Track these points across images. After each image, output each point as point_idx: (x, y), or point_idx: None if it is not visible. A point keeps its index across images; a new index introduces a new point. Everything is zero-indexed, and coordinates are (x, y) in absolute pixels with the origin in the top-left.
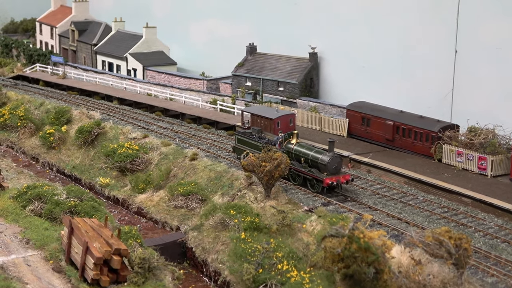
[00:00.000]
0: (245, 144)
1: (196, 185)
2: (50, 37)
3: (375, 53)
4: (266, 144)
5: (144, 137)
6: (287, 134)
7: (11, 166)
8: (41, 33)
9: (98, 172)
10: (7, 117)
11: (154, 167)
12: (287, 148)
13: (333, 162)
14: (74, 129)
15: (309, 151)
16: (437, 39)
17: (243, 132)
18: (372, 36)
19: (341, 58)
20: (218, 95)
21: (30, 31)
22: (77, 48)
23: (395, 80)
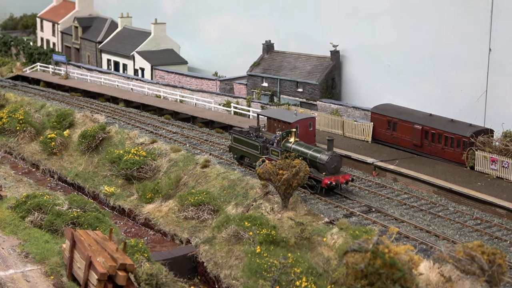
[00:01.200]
0: (242, 143)
1: (208, 195)
2: (51, 34)
3: (402, 51)
4: (264, 143)
5: (152, 142)
6: (285, 133)
7: (10, 173)
8: (42, 30)
9: (102, 180)
10: (5, 121)
11: (162, 175)
12: (285, 147)
13: (332, 161)
14: (77, 133)
15: (308, 150)
16: (469, 36)
17: (240, 131)
18: (399, 32)
19: (365, 56)
20: (232, 97)
21: (30, 27)
22: (81, 46)
23: (423, 81)
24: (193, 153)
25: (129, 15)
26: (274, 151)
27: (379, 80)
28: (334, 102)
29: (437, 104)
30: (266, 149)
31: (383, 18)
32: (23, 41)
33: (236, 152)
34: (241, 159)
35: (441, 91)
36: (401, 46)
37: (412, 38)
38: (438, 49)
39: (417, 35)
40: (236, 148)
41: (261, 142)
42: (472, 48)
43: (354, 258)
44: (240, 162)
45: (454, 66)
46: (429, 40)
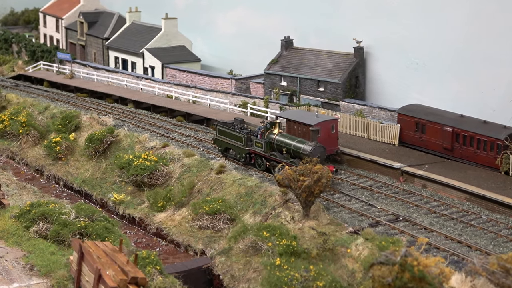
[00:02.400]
0: (226, 135)
1: (223, 203)
2: (55, 30)
3: (430, 48)
4: (248, 135)
5: (164, 147)
6: (269, 124)
7: (12, 180)
8: (45, 26)
9: (111, 187)
10: (7, 124)
11: (175, 181)
12: (269, 139)
13: (316, 152)
14: (83, 137)
15: (291, 141)
16: (504, 32)
17: (225, 123)
18: (428, 27)
19: (391, 53)
20: (249, 97)
21: (32, 23)
22: (86, 42)
23: (454, 79)
24: (208, 158)
25: (138, 9)
26: (258, 142)
27: (406, 78)
28: (358, 102)
29: (469, 105)
30: (250, 141)
31: (410, 12)
32: (25, 37)
33: (221, 145)
34: (225, 151)
35: (473, 90)
36: (430, 42)
37: (441, 34)
38: (470, 45)
39: (447, 30)
40: (220, 140)
41: (245, 134)
42: (507, 45)
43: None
44: (225, 155)
45: (487, 63)
46: (460, 35)
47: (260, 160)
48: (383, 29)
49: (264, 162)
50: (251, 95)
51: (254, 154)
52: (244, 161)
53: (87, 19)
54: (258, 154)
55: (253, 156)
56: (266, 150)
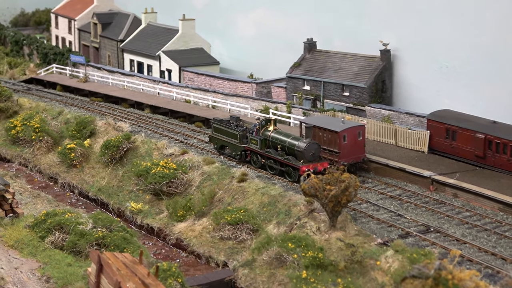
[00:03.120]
0: (222, 132)
1: (246, 212)
2: (67, 31)
3: (461, 50)
4: (243, 132)
5: (183, 154)
6: (264, 121)
7: (26, 188)
8: (57, 27)
9: (128, 196)
10: (19, 129)
11: (195, 190)
12: (264, 136)
13: (310, 148)
14: (99, 143)
15: (286, 137)
16: None
17: (220, 120)
18: (458, 29)
19: (419, 56)
20: (270, 102)
21: (43, 24)
22: (100, 44)
23: (486, 84)
24: (229, 165)
25: (154, 10)
26: (253, 139)
27: (435, 82)
28: (385, 107)
29: (502, 110)
30: (245, 138)
31: (440, 12)
32: (37, 39)
33: (216, 142)
34: (221, 149)
35: (506, 95)
36: (460, 45)
37: (472, 36)
38: (503, 48)
39: (478, 32)
40: (216, 138)
41: (241, 131)
42: None
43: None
44: (221, 152)
45: None
46: (492, 38)
47: (255, 157)
48: (411, 30)
49: (260, 159)
50: (273, 100)
51: (250, 151)
52: (240, 158)
53: (101, 20)
54: (253, 151)
55: (249, 153)
56: (261, 147)
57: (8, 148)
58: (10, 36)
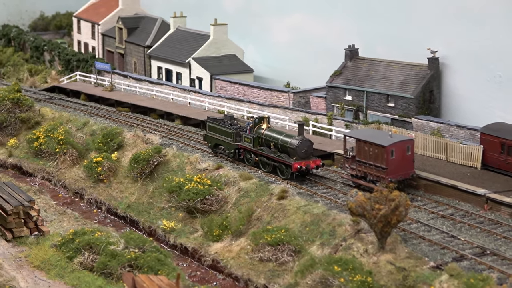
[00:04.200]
0: (216, 131)
1: (287, 232)
2: (90, 36)
3: None
4: (237, 130)
5: (217, 168)
6: (257, 119)
7: (51, 204)
8: (79, 32)
9: (159, 213)
10: (42, 141)
11: (231, 207)
12: (258, 134)
13: (303, 146)
14: (127, 156)
15: (279, 135)
16: None
17: (215, 119)
18: None
19: (470, 65)
20: (310, 113)
21: (64, 28)
22: (126, 50)
23: None
24: (267, 181)
25: (183, 14)
26: (246, 137)
27: (487, 93)
28: (433, 119)
29: None
30: (239, 136)
31: (492, 19)
32: (58, 45)
33: (210, 141)
34: (215, 147)
35: None
36: None
37: None
38: None
39: None
40: (210, 136)
41: (234, 129)
42: None
43: None
44: (215, 151)
45: None
46: None
47: (249, 155)
48: (461, 37)
49: (253, 157)
50: (312, 111)
51: (243, 149)
52: (233, 156)
53: (126, 25)
54: (246, 149)
55: (242, 151)
56: (254, 145)
57: (31, 161)
58: (30, 41)
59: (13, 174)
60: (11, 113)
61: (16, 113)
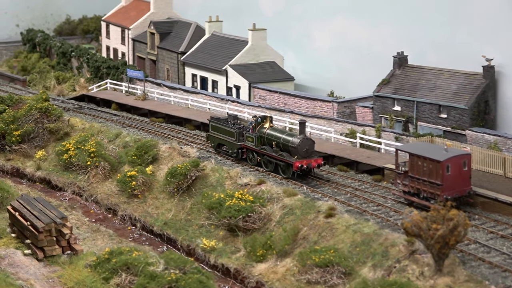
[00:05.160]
0: (218, 130)
1: (336, 253)
2: (120, 41)
3: None
4: (240, 129)
5: (260, 184)
6: (260, 118)
7: (83, 221)
8: (108, 37)
9: (198, 231)
10: (72, 154)
11: (275, 225)
12: (260, 133)
13: (304, 144)
14: (162, 170)
15: (281, 134)
16: None
17: (218, 118)
18: None
19: None
20: (357, 125)
21: (92, 33)
22: (158, 57)
23: None
24: (313, 197)
25: (219, 18)
26: (249, 137)
27: None
28: (489, 131)
29: None
30: (242, 136)
31: None
32: (87, 51)
33: (213, 140)
34: (218, 147)
35: None
36: None
37: None
38: None
39: None
40: (213, 136)
41: (237, 129)
42: None
43: None
44: (218, 151)
45: None
46: None
47: (251, 154)
48: None
49: (255, 156)
50: (359, 122)
51: (246, 148)
52: (236, 156)
53: (159, 30)
54: (249, 149)
55: (245, 151)
56: (256, 144)
57: (60, 175)
58: (57, 47)
59: (41, 188)
60: (39, 123)
61: (44, 123)
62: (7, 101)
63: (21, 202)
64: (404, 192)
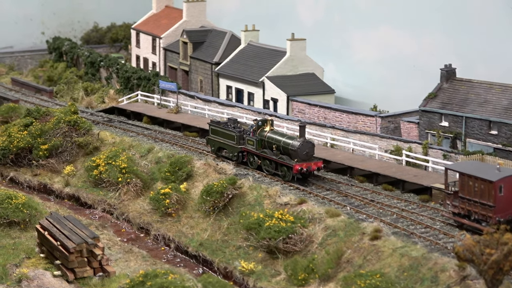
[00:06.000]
0: (219, 134)
1: (382, 277)
2: (151, 51)
3: None
4: (240, 133)
5: (300, 203)
6: (261, 122)
7: (115, 241)
8: (138, 46)
9: (236, 253)
10: (102, 169)
11: (317, 247)
12: (261, 136)
13: (304, 147)
14: (197, 188)
15: (281, 137)
16: None
17: (218, 122)
18: None
19: None
20: (402, 141)
21: (121, 41)
22: (191, 67)
23: None
24: (357, 218)
25: (255, 27)
26: (249, 140)
27: None
28: None
29: None
30: (242, 139)
31: None
32: (116, 60)
33: (214, 144)
34: (218, 151)
35: None
36: None
37: None
38: None
39: None
40: (213, 140)
41: (238, 132)
42: None
43: None
44: (217, 155)
45: None
46: None
47: (252, 158)
48: None
49: (256, 160)
50: (405, 139)
51: (246, 152)
52: (237, 159)
53: (192, 39)
54: (250, 152)
55: (245, 154)
56: (257, 148)
57: (90, 192)
58: (85, 56)
59: (70, 205)
60: (67, 137)
61: (73, 137)
62: (34, 114)
63: (50, 220)
64: (454, 214)
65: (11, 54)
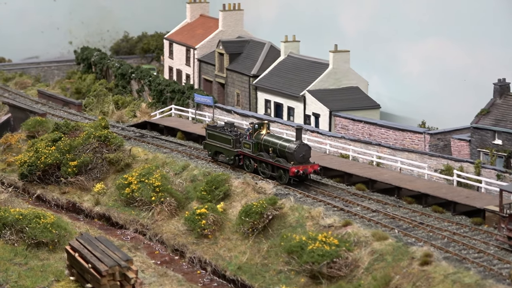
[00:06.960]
0: (216, 138)
1: None
2: (184, 62)
3: None
4: (237, 136)
5: (345, 225)
6: (257, 125)
7: (149, 263)
8: (171, 57)
9: (277, 277)
10: (135, 188)
11: (363, 273)
12: (257, 139)
13: (300, 150)
14: (235, 208)
15: (278, 140)
16: None
17: (214, 126)
18: None
19: None
20: (453, 160)
21: (153, 52)
22: (227, 80)
23: None
24: (406, 242)
25: (295, 38)
26: (246, 143)
27: None
28: None
29: None
30: (239, 143)
31: None
32: (148, 72)
33: (210, 148)
34: (215, 155)
35: None
36: None
37: None
38: None
39: None
40: (210, 144)
41: (234, 136)
42: None
43: None
44: (215, 159)
45: None
46: None
47: (248, 161)
48: None
49: (252, 163)
50: (456, 157)
51: (243, 155)
52: (233, 163)
53: (228, 50)
54: (246, 155)
55: (242, 157)
56: (253, 151)
57: (121, 211)
58: (115, 67)
59: (100, 225)
60: (97, 153)
61: (103, 153)
62: (62, 128)
63: (81, 241)
64: (509, 238)
65: (37, 64)
